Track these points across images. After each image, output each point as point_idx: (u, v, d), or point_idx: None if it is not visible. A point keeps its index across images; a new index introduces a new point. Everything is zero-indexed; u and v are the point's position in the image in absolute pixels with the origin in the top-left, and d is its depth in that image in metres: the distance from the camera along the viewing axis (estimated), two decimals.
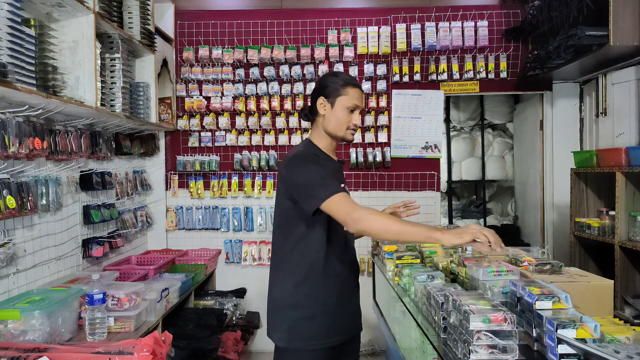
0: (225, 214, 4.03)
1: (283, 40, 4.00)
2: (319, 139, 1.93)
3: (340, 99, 1.85)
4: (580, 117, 3.96)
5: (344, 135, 1.89)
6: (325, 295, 1.83)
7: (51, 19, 2.43)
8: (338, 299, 1.86)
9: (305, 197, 1.71)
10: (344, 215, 1.63)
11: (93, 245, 2.91)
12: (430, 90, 3.98)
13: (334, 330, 1.85)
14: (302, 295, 1.82)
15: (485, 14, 3.97)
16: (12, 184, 2.15)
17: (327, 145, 1.93)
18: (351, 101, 1.86)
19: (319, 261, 1.82)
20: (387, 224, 1.59)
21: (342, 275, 1.89)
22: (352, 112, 1.87)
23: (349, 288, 1.93)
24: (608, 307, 1.63)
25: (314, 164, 1.75)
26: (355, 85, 1.88)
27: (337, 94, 1.86)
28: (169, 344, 1.84)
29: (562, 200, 3.91)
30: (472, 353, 1.29)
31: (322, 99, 1.88)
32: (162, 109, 3.70)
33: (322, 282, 1.83)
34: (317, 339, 1.81)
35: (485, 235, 1.51)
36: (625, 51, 2.95)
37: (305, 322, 1.81)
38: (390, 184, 4.01)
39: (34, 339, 1.81)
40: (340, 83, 1.86)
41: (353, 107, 1.86)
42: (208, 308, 3.55)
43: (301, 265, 1.82)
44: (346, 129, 1.88)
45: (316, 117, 1.92)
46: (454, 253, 2.19)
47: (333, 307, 1.84)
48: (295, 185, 1.75)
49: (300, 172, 1.73)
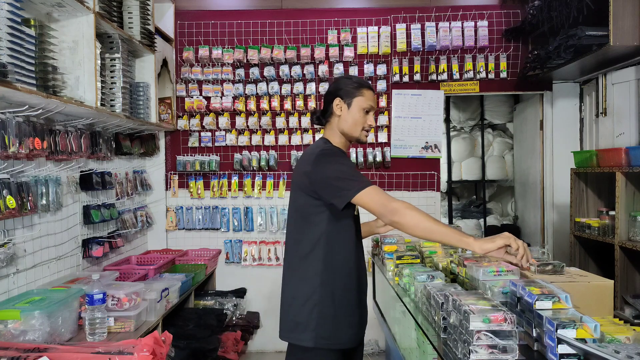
0: (225, 214, 4.03)
1: (283, 40, 4.00)
2: (333, 140, 1.93)
3: (357, 100, 1.88)
4: (580, 117, 3.96)
5: (359, 135, 1.92)
6: (350, 293, 1.83)
7: (51, 19, 2.43)
8: (358, 298, 1.88)
9: (335, 190, 1.71)
10: (379, 206, 1.64)
11: (93, 245, 2.90)
12: (430, 90, 3.98)
13: (355, 330, 1.86)
14: (328, 293, 1.78)
15: (485, 14, 3.97)
16: (12, 184, 2.15)
17: (341, 145, 1.94)
18: (367, 102, 1.89)
19: (345, 259, 1.82)
20: (421, 220, 1.61)
21: (361, 274, 1.90)
22: (367, 113, 1.90)
23: (365, 287, 1.94)
24: (608, 307, 1.63)
25: (342, 158, 1.81)
26: (369, 87, 1.93)
27: (353, 95, 1.89)
28: (169, 344, 1.84)
29: (562, 200, 3.91)
30: (472, 353, 1.29)
31: (338, 99, 1.90)
32: (162, 109, 3.70)
33: (347, 280, 1.83)
34: (341, 339, 1.80)
35: (518, 245, 1.54)
36: (625, 51, 2.95)
37: (331, 321, 1.78)
38: (390, 184, 4.01)
39: (34, 339, 1.81)
40: (356, 85, 1.90)
41: (369, 108, 1.90)
42: (208, 308, 3.55)
43: (326, 262, 1.79)
44: (361, 130, 1.91)
45: (330, 118, 1.93)
46: (454, 253, 2.19)
47: (354, 307, 1.85)
48: (323, 180, 1.74)
49: (330, 166, 1.75)
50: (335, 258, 1.80)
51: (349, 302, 1.83)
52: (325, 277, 1.79)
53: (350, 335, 1.83)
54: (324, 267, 1.79)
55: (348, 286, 1.83)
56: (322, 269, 1.79)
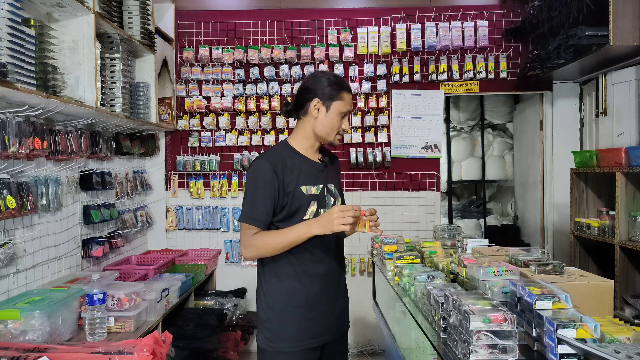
0: (225, 214, 4.03)
1: (283, 40, 4.00)
2: (301, 140, 1.88)
3: (336, 104, 1.81)
4: (580, 117, 3.96)
5: (333, 140, 1.86)
6: (299, 296, 1.81)
7: (51, 19, 2.43)
8: (315, 299, 1.82)
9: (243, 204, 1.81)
10: (240, 244, 1.80)
11: (93, 245, 2.90)
12: (430, 90, 3.98)
13: (314, 331, 1.82)
14: (277, 296, 1.81)
15: (485, 14, 3.97)
16: (12, 184, 2.15)
17: (308, 146, 1.88)
18: (346, 107, 1.83)
19: (289, 261, 1.80)
20: (254, 250, 1.75)
21: (318, 275, 1.83)
22: (343, 117, 1.84)
23: (328, 288, 1.87)
24: (608, 307, 1.63)
25: (258, 182, 1.77)
26: (349, 90, 1.85)
27: (333, 98, 1.81)
28: (169, 344, 1.83)
29: (562, 200, 3.91)
30: (472, 353, 1.29)
31: (317, 100, 1.81)
32: (162, 109, 3.70)
33: (296, 282, 1.81)
34: (296, 341, 1.79)
35: (350, 215, 1.60)
36: (625, 51, 2.95)
37: (283, 324, 1.80)
38: (390, 184, 4.01)
39: (34, 339, 1.81)
40: (336, 87, 1.81)
41: (346, 113, 1.84)
42: (208, 308, 3.54)
43: (274, 265, 1.82)
44: (336, 134, 1.85)
45: (304, 117, 1.86)
46: (454, 253, 2.19)
47: (309, 309, 1.81)
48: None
49: (246, 183, 1.83)
50: (280, 261, 1.81)
51: (299, 305, 1.81)
52: (274, 280, 1.83)
53: (308, 337, 1.80)
54: (273, 270, 1.83)
55: (299, 290, 1.81)
56: (271, 272, 1.83)
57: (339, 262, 1.94)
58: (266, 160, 1.80)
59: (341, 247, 1.97)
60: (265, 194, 1.76)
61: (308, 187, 1.81)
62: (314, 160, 1.89)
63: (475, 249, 2.32)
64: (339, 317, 1.92)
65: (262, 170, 1.78)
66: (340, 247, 1.95)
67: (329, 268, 1.87)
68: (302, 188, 1.80)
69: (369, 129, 3.99)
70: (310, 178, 1.83)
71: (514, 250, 2.14)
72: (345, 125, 1.85)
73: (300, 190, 1.79)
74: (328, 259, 1.87)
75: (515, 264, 1.98)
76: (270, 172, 1.76)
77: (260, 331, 1.87)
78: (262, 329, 1.85)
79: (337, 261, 1.92)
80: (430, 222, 3.98)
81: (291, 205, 1.78)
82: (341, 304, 1.94)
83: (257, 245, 1.74)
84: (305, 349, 1.81)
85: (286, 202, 1.78)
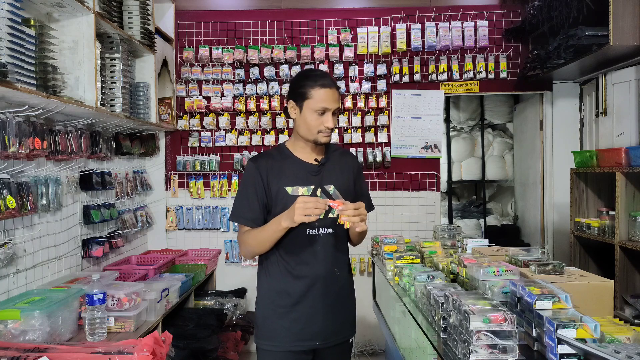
0: (225, 214, 4.03)
1: (283, 40, 4.00)
2: (294, 141, 1.90)
3: (307, 103, 1.76)
4: (580, 117, 3.96)
5: (316, 138, 1.79)
6: (282, 295, 1.82)
7: (51, 19, 2.43)
8: (298, 301, 1.80)
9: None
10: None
11: (93, 245, 2.90)
12: (430, 90, 3.98)
13: (295, 332, 1.80)
14: (263, 293, 1.88)
15: (485, 14, 3.97)
16: (12, 184, 2.15)
17: (301, 147, 1.87)
18: (318, 104, 1.74)
19: (277, 261, 1.83)
20: (246, 245, 1.82)
21: (303, 276, 1.80)
22: (322, 115, 1.76)
23: (315, 291, 1.81)
24: (608, 307, 1.63)
25: (244, 182, 1.86)
26: (324, 86, 1.75)
27: (302, 98, 1.77)
28: (169, 344, 1.84)
29: (562, 200, 3.91)
30: (472, 353, 1.29)
31: (291, 102, 1.82)
32: (162, 109, 3.70)
33: (280, 282, 1.82)
34: (275, 339, 1.82)
35: (310, 207, 1.62)
36: (625, 51, 2.95)
37: (265, 321, 1.85)
38: (390, 184, 4.01)
39: (34, 339, 1.81)
40: (307, 85, 1.75)
41: (322, 110, 1.75)
42: (208, 308, 3.54)
43: (266, 264, 1.88)
44: (317, 133, 1.78)
45: (291, 118, 1.88)
46: (454, 253, 2.19)
47: (290, 309, 1.81)
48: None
49: (240, 184, 1.90)
50: (266, 261, 1.87)
51: (280, 306, 1.82)
52: (263, 278, 1.89)
53: (292, 339, 1.80)
54: (263, 270, 1.89)
55: (283, 290, 1.82)
56: (262, 271, 1.90)
57: (336, 266, 1.87)
58: (253, 161, 1.87)
59: (340, 251, 1.89)
60: (250, 192, 1.82)
61: (295, 188, 1.80)
62: (308, 161, 1.86)
63: (475, 249, 2.32)
64: (332, 323, 1.85)
65: (247, 170, 1.87)
66: (338, 250, 1.88)
67: (317, 270, 1.81)
68: (288, 189, 1.80)
69: (369, 129, 3.99)
70: (299, 179, 1.82)
71: (514, 250, 2.14)
72: (328, 122, 1.76)
73: (284, 191, 1.80)
74: (316, 261, 1.81)
75: (515, 264, 1.98)
76: (254, 171, 1.83)
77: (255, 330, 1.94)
78: (254, 325, 1.94)
79: (333, 265, 1.85)
80: (430, 222, 3.98)
81: (275, 205, 1.81)
82: (337, 309, 1.87)
83: (244, 241, 1.83)
84: (289, 351, 1.80)
85: (272, 202, 1.82)
